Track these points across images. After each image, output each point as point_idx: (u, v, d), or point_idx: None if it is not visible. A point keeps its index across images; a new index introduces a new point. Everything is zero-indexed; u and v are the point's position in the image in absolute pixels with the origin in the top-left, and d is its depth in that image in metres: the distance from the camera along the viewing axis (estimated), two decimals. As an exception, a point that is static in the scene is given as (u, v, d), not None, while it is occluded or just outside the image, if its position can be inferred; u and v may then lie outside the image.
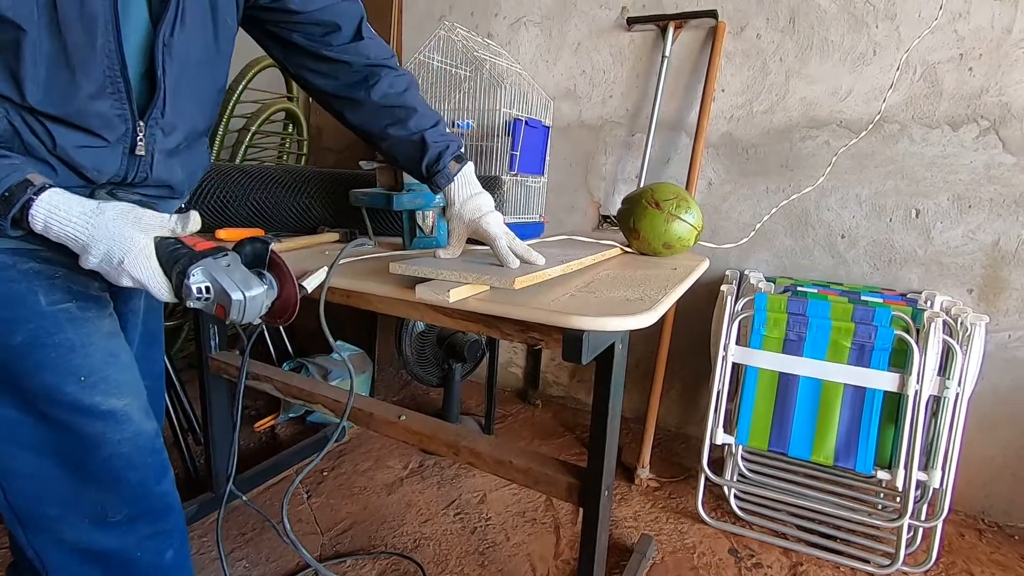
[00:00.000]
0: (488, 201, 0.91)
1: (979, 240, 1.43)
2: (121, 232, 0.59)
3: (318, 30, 0.86)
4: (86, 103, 0.63)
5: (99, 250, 0.59)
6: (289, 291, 0.68)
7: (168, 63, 0.68)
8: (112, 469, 0.70)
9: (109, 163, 0.67)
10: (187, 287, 0.60)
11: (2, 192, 0.56)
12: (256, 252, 0.68)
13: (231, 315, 0.62)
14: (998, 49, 1.36)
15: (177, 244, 0.63)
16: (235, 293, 0.61)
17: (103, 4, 0.60)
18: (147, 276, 0.61)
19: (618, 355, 0.86)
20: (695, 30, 1.69)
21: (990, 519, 1.51)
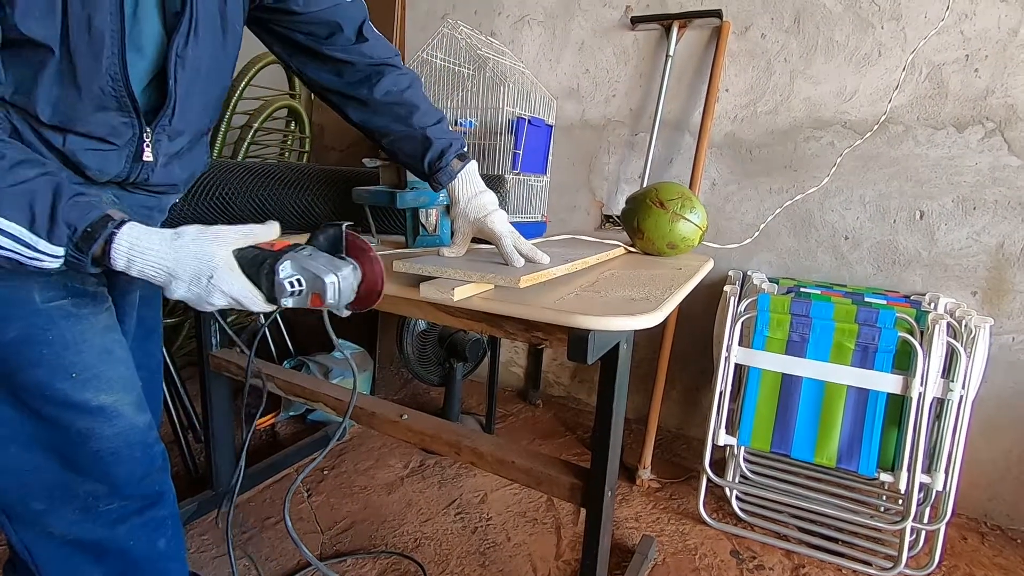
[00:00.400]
0: (493, 199, 0.91)
1: (983, 242, 1.42)
2: (204, 250, 0.59)
3: (321, 30, 0.86)
4: (92, 115, 0.64)
5: (186, 273, 0.58)
6: (375, 269, 0.66)
7: (180, 73, 0.69)
8: (101, 463, 0.70)
9: (113, 165, 0.68)
10: (279, 284, 0.60)
11: (84, 228, 0.56)
12: (331, 238, 0.66)
13: (327, 299, 0.61)
14: (1004, 51, 1.35)
15: (255, 250, 0.62)
16: (327, 276, 0.61)
17: (110, 23, 0.60)
18: (237, 288, 0.60)
19: (623, 355, 0.85)
20: (699, 30, 1.69)
21: (993, 522, 1.50)
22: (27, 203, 0.54)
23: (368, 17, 0.90)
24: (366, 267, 0.66)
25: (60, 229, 0.55)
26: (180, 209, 1.19)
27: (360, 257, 0.66)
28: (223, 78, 0.78)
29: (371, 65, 0.90)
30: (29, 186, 0.54)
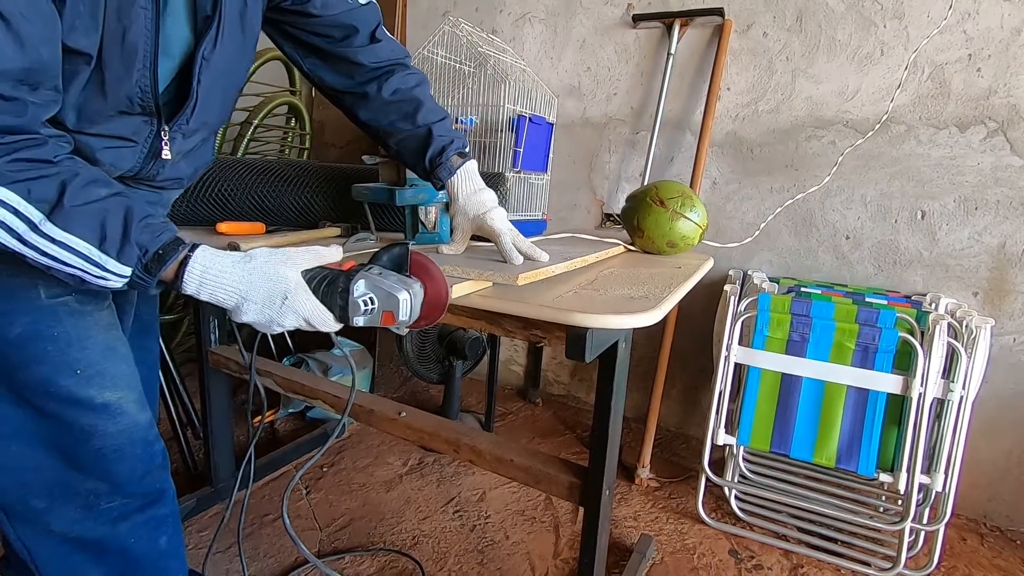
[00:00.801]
0: (492, 197, 0.91)
1: (985, 242, 1.42)
2: (277, 272, 0.59)
3: (336, 33, 0.87)
4: (114, 119, 0.64)
5: (259, 295, 0.59)
6: (438, 286, 0.66)
7: (205, 74, 0.69)
8: (103, 460, 0.70)
9: (127, 161, 0.68)
10: (353, 302, 0.60)
11: (155, 250, 0.56)
12: (396, 257, 0.66)
13: (400, 317, 0.61)
14: (1007, 50, 1.35)
15: (323, 271, 0.62)
16: (401, 293, 0.61)
17: (144, 37, 0.61)
18: (310, 308, 0.60)
19: (621, 353, 0.85)
20: (701, 28, 1.68)
21: (992, 523, 1.50)
22: (99, 222, 0.54)
23: (381, 20, 0.91)
24: (429, 285, 0.66)
25: (131, 250, 0.55)
26: (179, 206, 1.19)
27: (423, 275, 0.66)
28: (240, 78, 0.79)
29: (381, 65, 0.91)
30: (102, 205, 0.55)
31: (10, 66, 0.50)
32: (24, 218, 0.52)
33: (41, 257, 0.54)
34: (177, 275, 0.58)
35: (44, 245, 0.53)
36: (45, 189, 0.53)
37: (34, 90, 0.53)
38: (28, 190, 0.52)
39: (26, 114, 0.53)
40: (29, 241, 0.53)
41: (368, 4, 0.88)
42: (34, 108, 0.53)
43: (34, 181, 0.52)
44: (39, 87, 0.53)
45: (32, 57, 0.51)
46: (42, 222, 0.53)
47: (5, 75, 0.50)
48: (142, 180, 0.73)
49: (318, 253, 0.63)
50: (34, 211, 0.52)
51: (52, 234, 0.53)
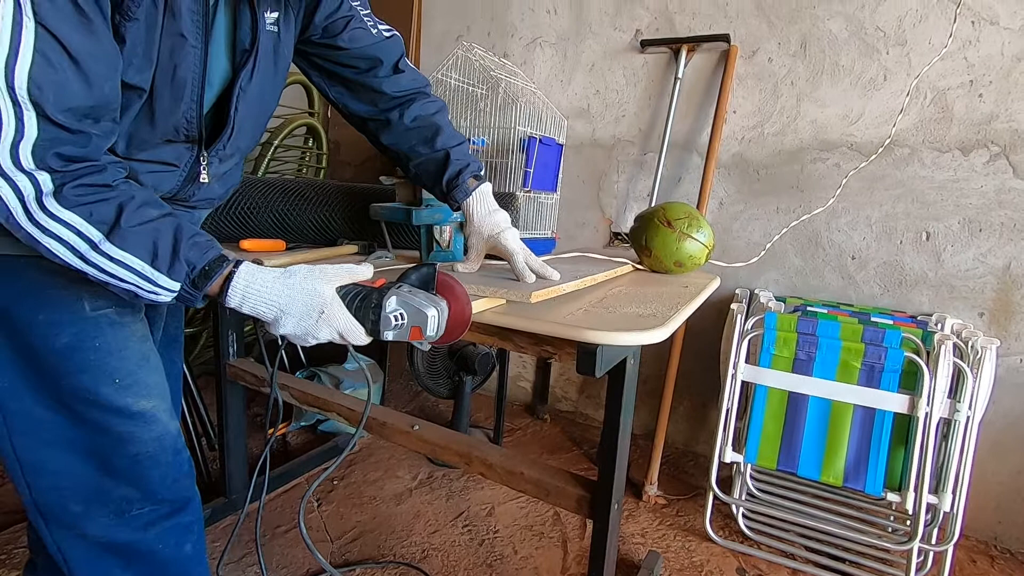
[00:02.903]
0: (505, 218, 0.95)
1: (990, 264, 1.44)
2: (314, 287, 0.63)
3: (362, 64, 0.92)
4: (160, 146, 0.69)
5: (297, 309, 0.63)
6: (462, 306, 0.70)
7: (241, 103, 0.74)
8: (138, 466, 0.73)
9: (167, 184, 0.73)
10: (385, 317, 0.64)
11: (202, 267, 0.61)
12: (424, 276, 0.70)
13: (427, 332, 0.65)
14: (1008, 77, 1.38)
15: (356, 287, 0.67)
16: (429, 310, 0.65)
17: (193, 71, 0.66)
18: (343, 322, 0.64)
19: (630, 370, 0.88)
20: (707, 53, 1.73)
21: (1003, 546, 1.49)
22: (151, 241, 0.59)
23: (404, 52, 0.96)
24: (453, 304, 0.70)
25: (180, 266, 0.60)
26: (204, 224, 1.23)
27: (448, 294, 0.70)
28: (271, 105, 0.83)
29: (404, 93, 0.96)
30: (154, 225, 0.59)
31: (80, 103, 0.55)
32: (86, 238, 0.57)
33: (100, 274, 0.58)
34: (222, 289, 0.62)
35: (103, 263, 0.58)
36: (105, 211, 0.57)
37: (96, 122, 0.58)
38: (90, 212, 0.57)
39: (89, 145, 0.57)
40: (91, 260, 0.57)
41: (392, 37, 0.94)
42: (96, 139, 0.58)
43: (95, 204, 0.57)
44: (101, 119, 0.58)
45: (97, 94, 0.56)
46: (102, 242, 0.57)
47: (74, 111, 0.55)
48: (177, 201, 0.77)
49: (352, 271, 0.67)
50: (95, 232, 0.57)
51: (111, 253, 0.57)
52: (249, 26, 0.71)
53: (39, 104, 0.52)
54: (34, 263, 0.64)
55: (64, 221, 0.55)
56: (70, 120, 0.54)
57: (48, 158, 0.54)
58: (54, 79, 0.52)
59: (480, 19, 2.10)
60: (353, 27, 0.88)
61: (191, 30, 0.64)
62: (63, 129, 0.54)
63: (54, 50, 0.52)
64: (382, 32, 0.92)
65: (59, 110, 0.53)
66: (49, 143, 0.54)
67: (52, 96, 0.52)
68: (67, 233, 0.56)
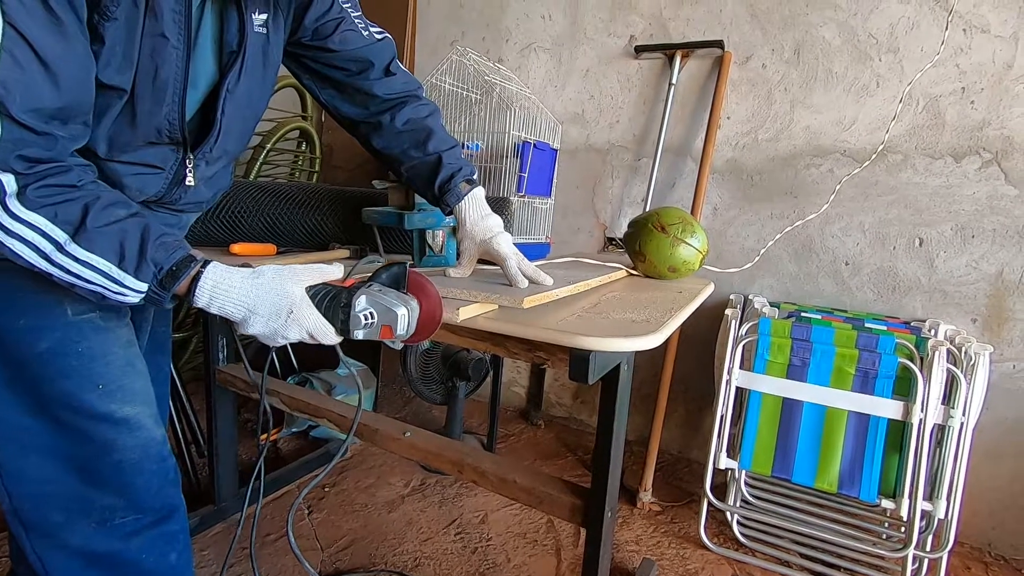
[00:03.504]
0: (498, 222, 0.94)
1: (983, 270, 1.44)
2: (283, 288, 0.63)
3: (353, 66, 0.91)
4: (143, 148, 0.68)
5: (265, 309, 0.62)
6: (433, 305, 0.70)
7: (228, 105, 0.73)
8: (122, 474, 0.71)
9: (152, 187, 0.72)
10: (355, 316, 0.64)
11: (169, 267, 0.60)
12: (394, 276, 0.70)
13: (397, 331, 0.65)
14: (999, 83, 1.39)
15: (326, 287, 0.66)
16: (399, 308, 0.65)
17: (175, 73, 0.65)
18: (313, 322, 0.64)
19: (623, 376, 0.87)
20: (701, 59, 1.73)
21: (997, 552, 1.49)
22: (118, 242, 0.58)
23: (396, 55, 0.95)
24: (424, 303, 0.69)
25: (147, 267, 0.59)
26: (194, 227, 1.22)
27: (419, 293, 0.70)
28: (260, 108, 0.83)
29: (395, 96, 0.95)
30: (121, 226, 0.58)
31: (47, 105, 0.54)
32: (51, 239, 0.56)
33: (66, 275, 0.57)
34: (189, 289, 0.61)
35: (69, 264, 0.57)
36: (70, 212, 0.56)
37: (65, 124, 0.57)
38: (55, 213, 0.55)
39: (55, 147, 0.56)
40: (56, 261, 0.56)
41: (383, 39, 0.93)
42: (63, 141, 0.57)
43: (60, 205, 0.56)
44: (70, 121, 0.57)
45: (67, 97, 0.55)
46: (67, 243, 0.56)
47: (40, 112, 0.54)
48: (164, 204, 0.76)
49: (322, 271, 0.67)
50: (60, 233, 0.56)
51: (76, 254, 0.56)
52: (236, 27, 0.71)
53: (4, 104, 0.51)
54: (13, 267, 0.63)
55: (28, 223, 0.54)
56: (36, 121, 0.53)
57: (11, 160, 0.53)
58: (21, 79, 0.51)
59: (475, 24, 2.10)
60: (344, 29, 0.87)
61: (173, 30, 0.63)
62: (28, 130, 0.53)
63: (22, 50, 0.51)
64: (373, 34, 0.92)
65: (25, 111, 0.52)
66: (13, 144, 0.53)
67: (18, 97, 0.51)
68: (31, 235, 0.55)
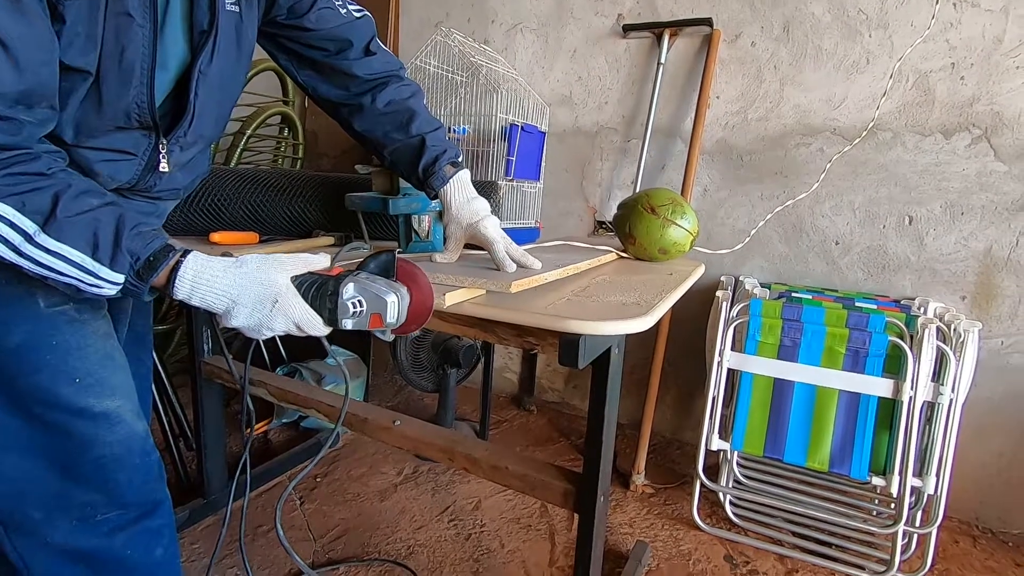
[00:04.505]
0: (484, 205, 0.92)
1: (971, 247, 1.44)
2: (268, 277, 0.60)
3: (331, 46, 0.88)
4: (112, 133, 0.65)
5: (249, 299, 0.60)
6: (424, 293, 0.68)
7: (201, 88, 0.70)
8: (103, 469, 0.70)
9: (124, 173, 0.69)
10: (342, 305, 0.62)
11: (146, 258, 0.57)
12: (382, 264, 0.68)
13: (387, 319, 0.63)
14: (989, 59, 1.37)
15: (312, 276, 0.64)
16: (388, 296, 0.63)
17: (143, 53, 0.62)
18: (299, 312, 0.61)
19: (614, 359, 0.86)
20: (690, 38, 1.70)
21: (984, 525, 1.51)
22: (91, 232, 0.55)
23: (376, 33, 0.92)
24: (415, 291, 0.67)
25: (123, 257, 0.56)
26: (173, 216, 1.19)
27: (409, 281, 0.68)
28: (235, 91, 0.80)
29: (376, 76, 0.92)
30: (94, 215, 0.56)
31: (8, 89, 0.51)
32: (20, 230, 0.53)
33: (37, 268, 0.54)
34: (169, 280, 0.58)
35: (39, 256, 0.54)
36: (39, 201, 0.53)
37: (29, 109, 0.54)
38: (23, 203, 0.53)
39: (21, 132, 0.53)
40: (25, 252, 0.54)
41: (362, 17, 0.90)
42: (30, 127, 0.54)
43: (28, 194, 0.53)
44: (35, 106, 0.54)
45: (30, 80, 0.52)
46: (37, 233, 0.53)
47: (3, 97, 0.51)
48: (139, 192, 0.73)
49: (308, 260, 0.65)
50: (29, 223, 0.53)
51: (47, 245, 0.54)
52: (207, 6, 0.67)
53: None
54: None
55: None
56: None
57: None
58: None
59: (460, 5, 2.06)
60: (320, 7, 0.84)
61: (138, 9, 0.60)
62: None
63: None
64: (352, 12, 0.89)
65: None
66: None
67: None
68: None
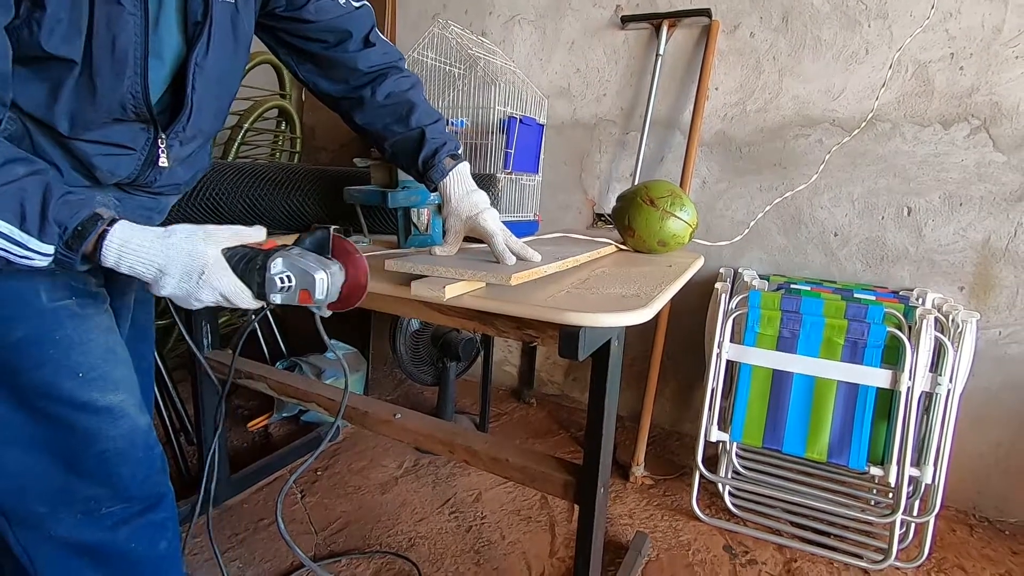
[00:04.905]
0: (484, 198, 0.92)
1: (970, 238, 1.44)
2: (195, 248, 0.60)
3: (330, 37, 0.88)
4: (109, 126, 0.65)
5: (176, 270, 0.59)
6: (359, 269, 0.68)
7: (198, 81, 0.69)
8: (106, 463, 0.70)
9: (124, 168, 0.69)
10: (270, 279, 0.62)
11: (74, 227, 0.56)
12: (317, 240, 0.68)
13: (316, 295, 0.63)
14: (988, 49, 1.37)
15: (244, 249, 0.64)
16: (317, 272, 0.63)
17: (134, 44, 0.61)
18: (227, 284, 0.61)
19: (614, 352, 0.86)
20: (689, 29, 1.70)
21: (981, 514, 1.52)
22: (18, 202, 0.54)
23: (375, 23, 0.92)
24: (350, 269, 0.68)
25: (51, 228, 0.55)
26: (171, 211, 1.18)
27: (345, 259, 0.68)
28: (233, 85, 0.79)
29: (376, 68, 0.92)
30: (20, 184, 0.55)
31: None
32: None
33: None
34: (95, 248, 0.58)
35: None
36: None
37: None
38: None
39: None
40: None
41: (361, 7, 0.89)
42: None
43: None
44: None
45: None
46: None
47: None
48: (141, 187, 0.73)
49: (239, 232, 0.64)
50: None
51: None
52: None
53: None
54: None
55: None
56: None
57: None
58: None
59: (456, -4, 2.04)
60: None
61: None
62: None
63: None
64: (351, 2, 0.88)
65: None
66: None
67: None
68: None
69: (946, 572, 1.31)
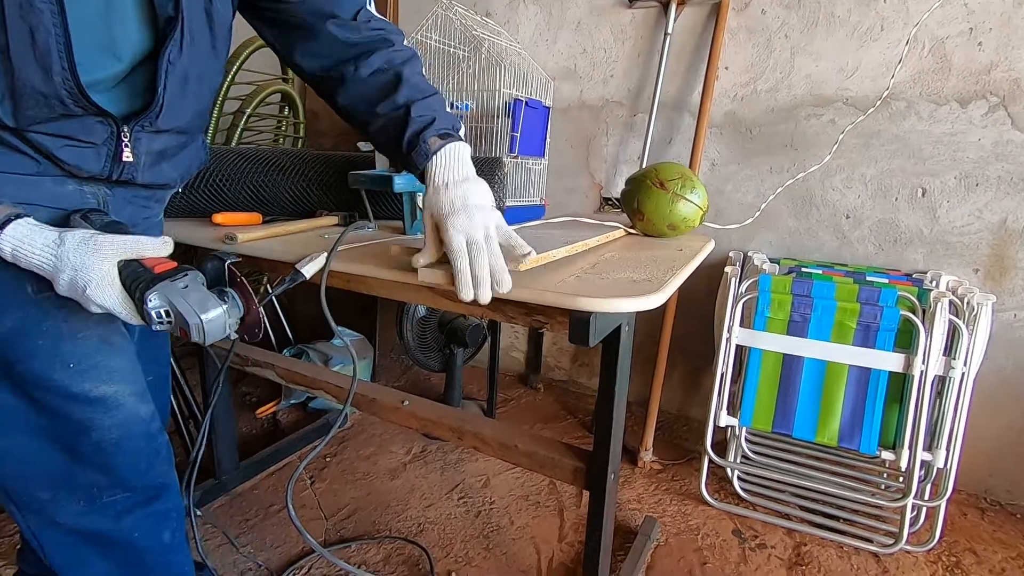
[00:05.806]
0: (473, 191, 0.71)
1: (986, 219, 1.41)
2: (82, 261, 0.58)
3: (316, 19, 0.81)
4: (61, 120, 0.62)
5: (65, 279, 0.59)
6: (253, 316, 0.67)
7: (171, 80, 0.66)
8: (103, 453, 0.70)
9: (91, 163, 0.66)
10: (147, 312, 0.59)
11: None
12: (217, 269, 0.67)
13: (193, 338, 0.61)
14: (1008, 23, 1.33)
15: (139, 267, 0.61)
16: (192, 317, 0.60)
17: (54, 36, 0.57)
18: (111, 302, 0.59)
19: (625, 337, 0.85)
20: (698, 6, 1.65)
21: (992, 498, 1.51)
22: None
23: (368, 2, 0.86)
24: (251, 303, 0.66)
25: None
26: (175, 198, 1.17)
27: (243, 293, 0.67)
28: (213, 77, 0.75)
29: (363, 42, 0.82)
30: None
31: None
32: None
33: None
34: None
35: None
36: None
37: None
38: None
39: None
40: None
41: None
42: None
43: None
44: None
45: None
46: None
47: None
48: (125, 184, 0.71)
49: (139, 245, 0.61)
50: None
51: None
52: None
53: None
54: None
55: None
56: None
57: None
58: None
59: (459, -24, 2.00)
60: None
61: None
62: None
63: None
64: None
65: None
66: None
67: None
68: None
69: (957, 556, 1.31)
